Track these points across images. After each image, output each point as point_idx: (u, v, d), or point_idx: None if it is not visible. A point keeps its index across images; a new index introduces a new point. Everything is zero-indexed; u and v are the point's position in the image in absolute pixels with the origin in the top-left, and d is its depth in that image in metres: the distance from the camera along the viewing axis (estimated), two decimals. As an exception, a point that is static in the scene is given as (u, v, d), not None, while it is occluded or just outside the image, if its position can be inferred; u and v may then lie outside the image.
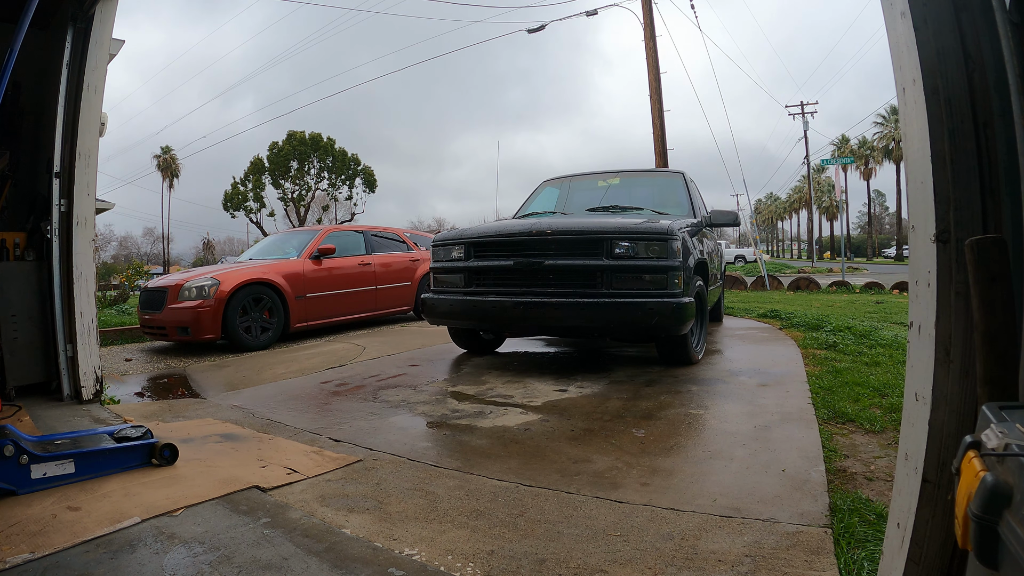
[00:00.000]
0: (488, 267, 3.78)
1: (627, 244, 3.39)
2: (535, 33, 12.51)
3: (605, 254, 3.41)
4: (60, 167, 3.13)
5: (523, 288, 3.59)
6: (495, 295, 3.69)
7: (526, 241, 3.64)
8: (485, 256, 3.82)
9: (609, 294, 3.37)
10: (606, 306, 3.33)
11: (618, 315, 3.31)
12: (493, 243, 3.81)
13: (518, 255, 3.62)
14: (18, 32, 2.02)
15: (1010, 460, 0.57)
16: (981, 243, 0.87)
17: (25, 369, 3.13)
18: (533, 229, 3.65)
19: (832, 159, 24.20)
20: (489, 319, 3.79)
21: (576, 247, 3.52)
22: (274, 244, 7.29)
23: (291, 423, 2.77)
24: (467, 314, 3.85)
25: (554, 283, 3.52)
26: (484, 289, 3.79)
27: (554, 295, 3.48)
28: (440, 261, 4.09)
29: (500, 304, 3.61)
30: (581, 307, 3.37)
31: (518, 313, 3.53)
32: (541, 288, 3.54)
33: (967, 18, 0.97)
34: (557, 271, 3.51)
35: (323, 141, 30.65)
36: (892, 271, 21.59)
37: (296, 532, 1.58)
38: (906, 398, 1.08)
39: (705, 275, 4.12)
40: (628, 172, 5.42)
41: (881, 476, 1.93)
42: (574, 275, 3.48)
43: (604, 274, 3.40)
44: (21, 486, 1.80)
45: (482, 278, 3.83)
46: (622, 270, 3.38)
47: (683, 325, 3.37)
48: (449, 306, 3.91)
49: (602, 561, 1.42)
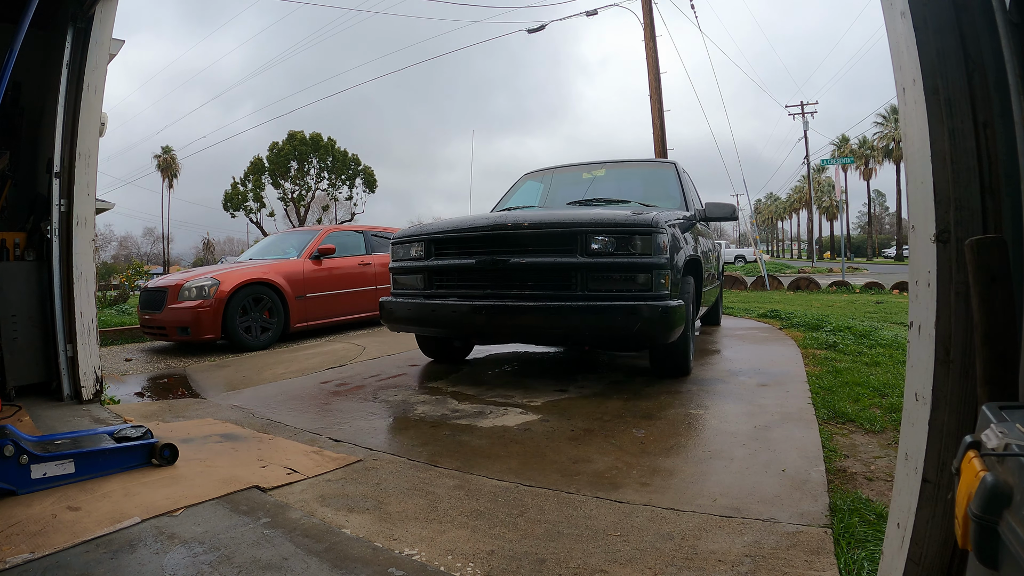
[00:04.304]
0: (448, 266, 3.38)
1: (604, 239, 2.98)
2: (535, 33, 12.52)
3: (580, 250, 3.00)
4: (60, 167, 3.13)
5: (486, 290, 3.19)
6: (456, 298, 3.31)
7: (490, 237, 3.21)
8: (446, 254, 3.42)
9: (584, 297, 2.97)
10: (581, 311, 2.92)
11: (595, 321, 2.91)
12: (454, 239, 3.40)
13: (481, 253, 3.20)
14: (18, 32, 2.02)
15: (1010, 460, 0.57)
16: (981, 243, 0.87)
17: (25, 369, 3.13)
18: (497, 223, 3.22)
19: (832, 159, 24.21)
20: (448, 325, 3.43)
21: (546, 243, 3.10)
22: (274, 244, 7.29)
23: (291, 423, 2.77)
24: (425, 320, 3.48)
25: (522, 285, 3.11)
26: (444, 292, 3.40)
27: (521, 298, 3.08)
28: (399, 260, 3.72)
29: (460, 309, 3.24)
30: (552, 312, 2.97)
31: (480, 319, 3.16)
32: (507, 290, 3.13)
33: (967, 18, 0.97)
34: (525, 270, 3.10)
35: (323, 141, 30.65)
36: (892, 271, 21.60)
37: (296, 532, 1.58)
38: (906, 398, 1.08)
39: (698, 274, 3.76)
40: (615, 163, 5.02)
41: (881, 476, 1.93)
42: (544, 275, 3.08)
43: (578, 274, 3.00)
44: (21, 486, 1.80)
45: (443, 279, 3.44)
46: (599, 269, 2.98)
47: (671, 332, 2.95)
48: (406, 311, 3.53)
49: (602, 561, 1.42)
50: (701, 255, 3.94)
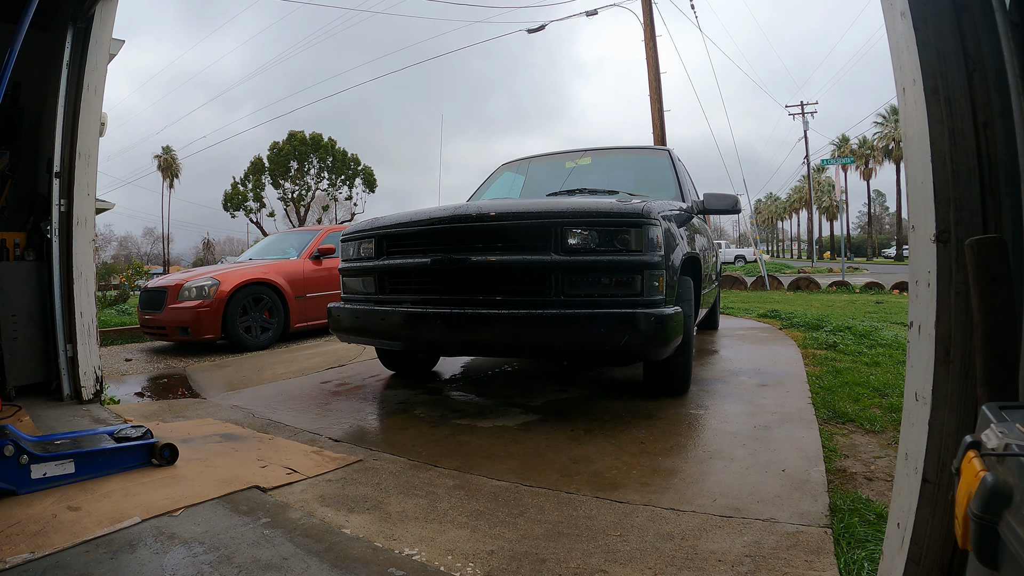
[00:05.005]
0: (401, 267, 2.87)
1: (585, 232, 2.51)
2: (535, 33, 12.52)
3: (554, 247, 2.52)
4: (60, 167, 3.13)
5: (445, 295, 2.71)
6: (409, 304, 2.81)
7: (448, 231, 2.73)
8: (399, 252, 2.93)
9: (560, 303, 2.49)
10: (556, 321, 2.44)
11: (573, 334, 2.45)
12: (408, 235, 2.90)
13: (437, 250, 2.72)
14: (18, 32, 2.02)
15: (1010, 460, 0.57)
16: (981, 243, 0.87)
17: (25, 369, 3.13)
18: (456, 214, 2.73)
19: (832, 159, 24.23)
20: (400, 338, 2.92)
21: (514, 238, 2.62)
22: (274, 244, 7.30)
23: (291, 423, 2.77)
24: (375, 331, 2.98)
25: (485, 289, 2.63)
26: (397, 297, 2.90)
27: (484, 305, 2.59)
28: (349, 260, 3.23)
29: (413, 317, 2.75)
30: (520, 323, 2.49)
31: (435, 330, 2.67)
32: (469, 295, 2.65)
33: (967, 18, 0.98)
34: (489, 272, 2.61)
35: (323, 141, 30.66)
36: (892, 271, 21.60)
37: (296, 532, 1.58)
38: (906, 398, 1.08)
39: (697, 276, 3.31)
40: (602, 150, 4.55)
41: (881, 476, 1.93)
42: (512, 277, 2.60)
43: (553, 275, 2.51)
44: (21, 486, 1.80)
45: (395, 282, 2.94)
46: (578, 269, 2.50)
47: (666, 346, 2.49)
48: (354, 319, 3.03)
49: (602, 561, 1.42)
50: (700, 253, 3.54)
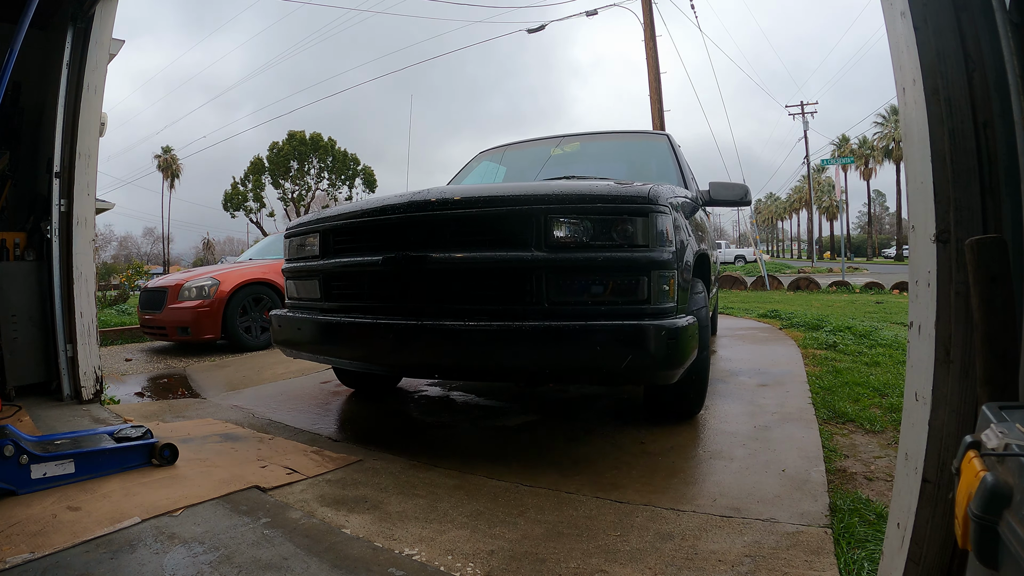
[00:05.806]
0: (348, 268, 2.35)
1: (575, 222, 1.96)
2: (535, 33, 12.52)
3: (537, 241, 1.97)
4: (60, 167, 3.13)
5: (400, 303, 2.17)
6: (358, 314, 2.29)
7: (403, 223, 2.16)
8: (347, 250, 2.39)
9: (545, 313, 1.95)
10: (539, 336, 1.89)
11: (560, 354, 1.89)
12: (358, 228, 2.36)
13: (391, 247, 2.17)
14: (18, 32, 2.02)
15: (1010, 460, 0.57)
16: (981, 243, 0.87)
17: (25, 369, 3.13)
18: (414, 201, 2.15)
19: (832, 159, 24.24)
20: (346, 355, 2.37)
21: (486, 230, 2.08)
22: (274, 244, 7.29)
23: (291, 423, 2.77)
24: (319, 345, 2.45)
25: (451, 295, 2.08)
26: (344, 304, 2.38)
27: (447, 315, 2.05)
28: (293, 260, 2.72)
29: (360, 330, 2.23)
30: (492, 340, 1.94)
31: (386, 346, 2.13)
32: (430, 303, 2.11)
33: (967, 18, 0.97)
34: (454, 273, 2.07)
35: (323, 141, 30.68)
36: (892, 271, 21.60)
37: (296, 532, 1.58)
38: (906, 398, 1.08)
39: (707, 278, 2.79)
40: (592, 135, 4.06)
41: (881, 476, 1.93)
42: (483, 280, 2.04)
43: (536, 277, 1.96)
44: (21, 486, 1.80)
45: (343, 286, 2.41)
46: (568, 269, 1.95)
47: (679, 367, 1.96)
48: (295, 330, 2.52)
49: (602, 561, 1.42)
50: (709, 250, 3.07)
